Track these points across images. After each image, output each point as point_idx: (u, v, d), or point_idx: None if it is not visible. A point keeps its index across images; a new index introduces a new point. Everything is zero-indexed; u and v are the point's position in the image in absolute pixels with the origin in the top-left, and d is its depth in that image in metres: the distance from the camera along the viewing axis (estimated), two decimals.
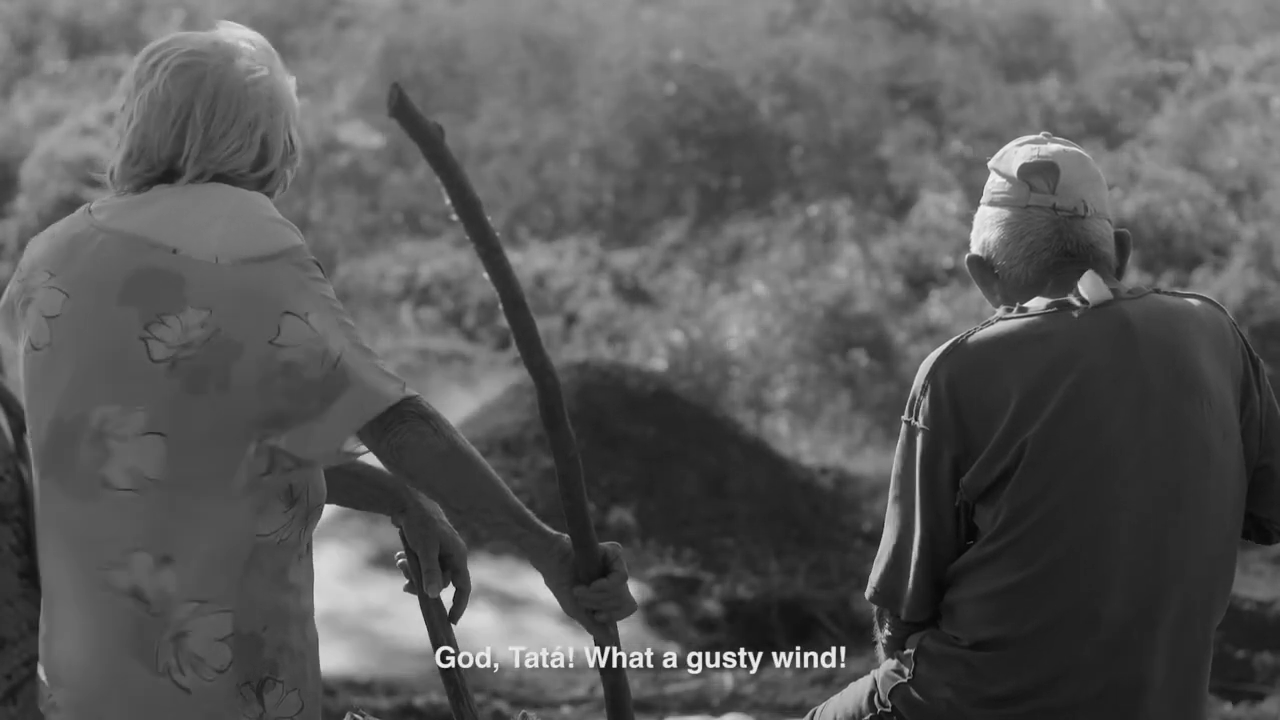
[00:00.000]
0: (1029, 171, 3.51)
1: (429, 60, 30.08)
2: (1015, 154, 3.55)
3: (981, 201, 3.59)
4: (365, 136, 27.12)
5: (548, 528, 3.19)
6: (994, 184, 3.55)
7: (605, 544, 3.20)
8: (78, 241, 3.16)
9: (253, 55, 3.21)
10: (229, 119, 3.16)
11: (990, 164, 3.60)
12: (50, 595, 3.19)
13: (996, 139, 22.09)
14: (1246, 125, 23.00)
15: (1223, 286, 20.02)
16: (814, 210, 24.80)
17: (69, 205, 25.26)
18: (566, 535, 3.18)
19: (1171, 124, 24.63)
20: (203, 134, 3.16)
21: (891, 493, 3.51)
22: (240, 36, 3.24)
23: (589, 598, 3.20)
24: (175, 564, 3.08)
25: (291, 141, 3.26)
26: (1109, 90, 27.23)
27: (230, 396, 3.06)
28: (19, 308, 3.20)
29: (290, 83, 3.27)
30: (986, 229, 3.55)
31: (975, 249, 3.57)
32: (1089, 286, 3.44)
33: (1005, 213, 3.51)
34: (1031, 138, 3.59)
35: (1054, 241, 3.49)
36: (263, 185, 3.24)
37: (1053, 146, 3.54)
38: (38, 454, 3.16)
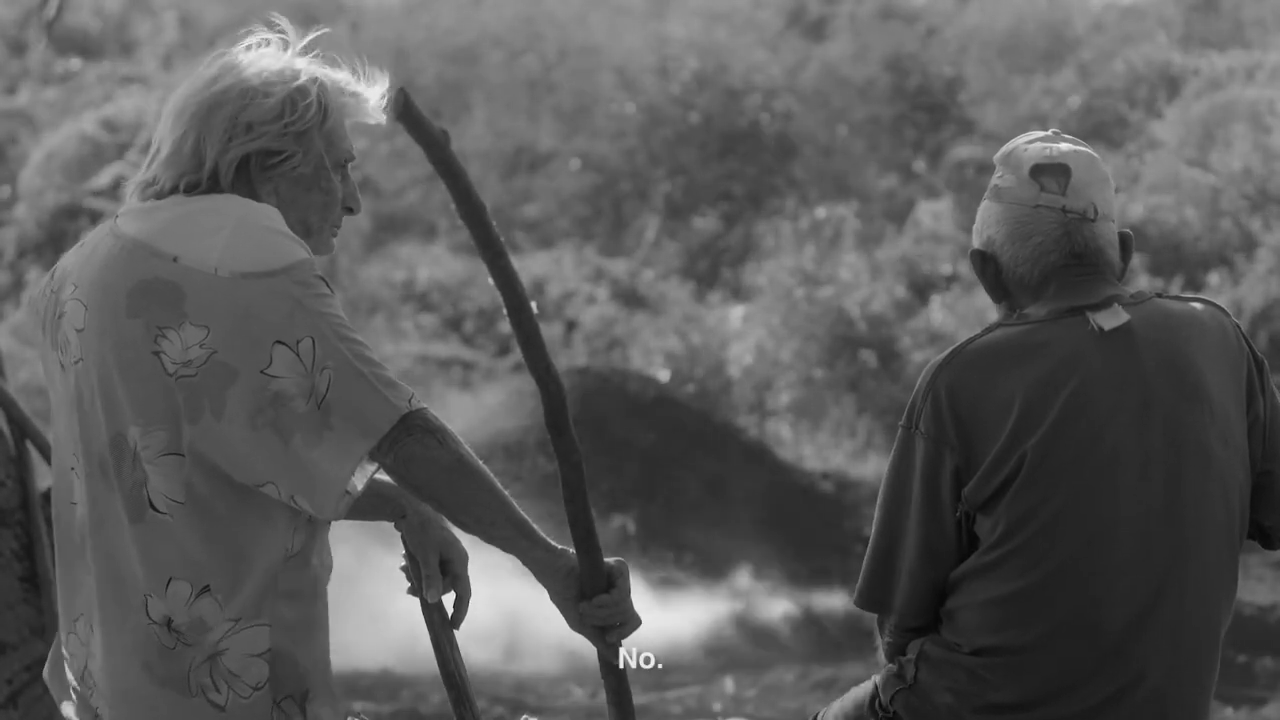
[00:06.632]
0: (1040, 171, 3.46)
1: (431, 64, 30.06)
2: (1026, 151, 3.50)
3: (986, 196, 3.54)
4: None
5: (553, 542, 3.17)
6: (1002, 180, 3.50)
7: (611, 559, 3.19)
8: (98, 250, 3.16)
9: (225, 63, 3.16)
10: (165, 128, 3.15)
11: (997, 158, 3.55)
12: (89, 608, 3.15)
13: (998, 141, 22.10)
14: (1254, 129, 22.97)
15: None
16: (821, 213, 24.77)
17: (68, 213, 25.18)
18: (572, 550, 3.17)
19: (1174, 125, 24.60)
20: (155, 148, 3.16)
21: (882, 498, 3.49)
22: (264, 38, 3.20)
23: (593, 613, 3.18)
24: (213, 593, 3.06)
25: (234, 141, 3.15)
26: (1119, 89, 27.19)
27: (223, 428, 3.03)
28: (53, 319, 3.18)
29: (287, 84, 3.21)
30: (991, 225, 3.50)
31: (979, 243, 3.53)
32: (1108, 319, 3.41)
33: (1013, 210, 3.47)
34: (1040, 134, 3.54)
35: (1062, 243, 3.45)
36: (252, 191, 3.19)
37: (1063, 146, 3.49)
38: (98, 469, 3.12)
